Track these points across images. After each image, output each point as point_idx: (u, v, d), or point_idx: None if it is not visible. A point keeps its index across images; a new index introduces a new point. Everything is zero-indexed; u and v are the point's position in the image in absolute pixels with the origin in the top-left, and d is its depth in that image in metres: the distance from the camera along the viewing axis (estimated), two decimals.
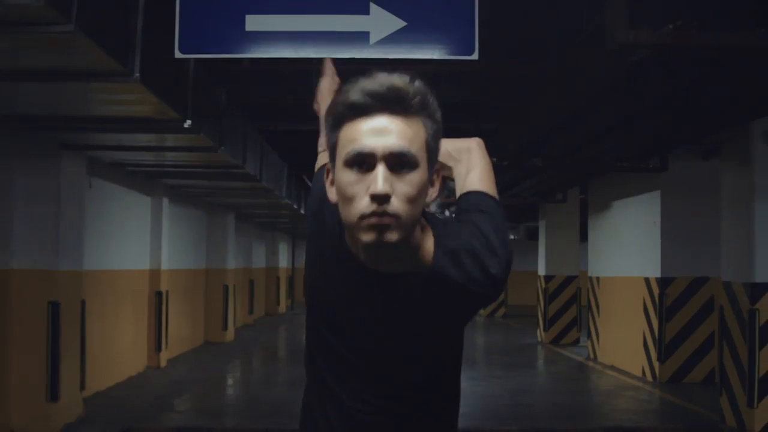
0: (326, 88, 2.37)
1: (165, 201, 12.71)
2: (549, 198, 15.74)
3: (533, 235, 22.54)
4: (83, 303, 8.59)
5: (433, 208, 9.01)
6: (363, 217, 1.60)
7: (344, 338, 1.80)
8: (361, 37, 3.72)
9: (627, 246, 12.65)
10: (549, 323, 17.15)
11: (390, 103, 1.63)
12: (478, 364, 13.79)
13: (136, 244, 11.88)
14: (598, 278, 14.15)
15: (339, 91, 1.70)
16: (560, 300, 17.17)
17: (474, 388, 10.41)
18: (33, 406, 7.69)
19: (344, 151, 1.63)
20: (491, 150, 2.02)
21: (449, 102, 9.55)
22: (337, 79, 2.39)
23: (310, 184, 2.42)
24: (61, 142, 7.79)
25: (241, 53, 3.86)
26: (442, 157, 1.83)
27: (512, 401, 9.99)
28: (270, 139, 11.94)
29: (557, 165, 9.75)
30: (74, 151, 8.05)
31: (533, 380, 12.49)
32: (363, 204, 1.60)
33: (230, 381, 12.43)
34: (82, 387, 8.61)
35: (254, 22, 3.72)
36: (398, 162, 1.61)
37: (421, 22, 3.71)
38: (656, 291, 11.23)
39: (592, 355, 14.22)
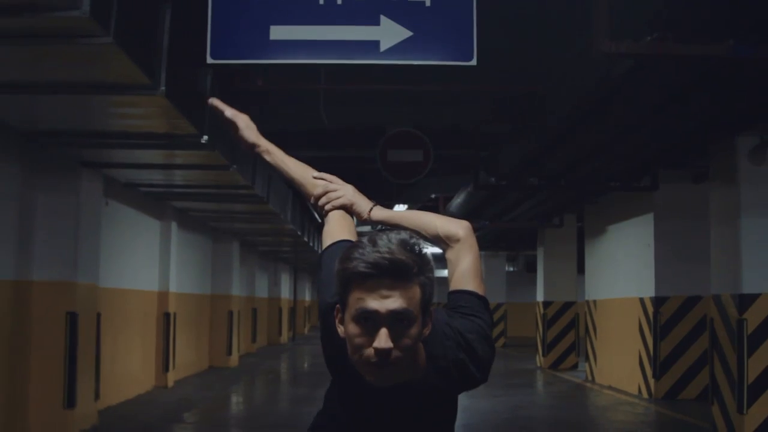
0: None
1: (174, 225, 13.09)
2: (546, 222, 16.12)
3: (532, 267, 22.88)
4: (98, 315, 8.95)
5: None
6: (367, 364, 1.94)
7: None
8: (373, 46, 4.18)
9: (622, 268, 13.02)
10: (548, 348, 17.45)
11: (392, 273, 1.92)
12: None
13: (146, 265, 12.24)
14: (594, 301, 14.49)
15: (347, 258, 1.96)
16: (558, 325, 17.48)
17: (475, 405, 10.71)
18: (50, 413, 8.01)
19: (353, 308, 1.94)
20: (491, 170, 2.39)
21: (448, 126, 10.00)
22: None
23: (313, 212, 2.64)
24: (80, 160, 8.20)
25: (266, 59, 4.31)
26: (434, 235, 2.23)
27: (512, 415, 10.30)
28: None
29: (552, 184, 10.16)
30: (93, 169, 8.47)
31: (532, 398, 12.77)
32: (368, 353, 1.93)
33: (235, 399, 12.71)
34: (97, 396, 8.94)
35: (278, 32, 4.17)
36: (398, 318, 1.92)
37: (425, 32, 4.16)
38: (650, 310, 11.58)
39: (590, 377, 14.52)
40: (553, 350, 17.44)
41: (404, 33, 4.14)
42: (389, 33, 4.14)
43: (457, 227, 2.23)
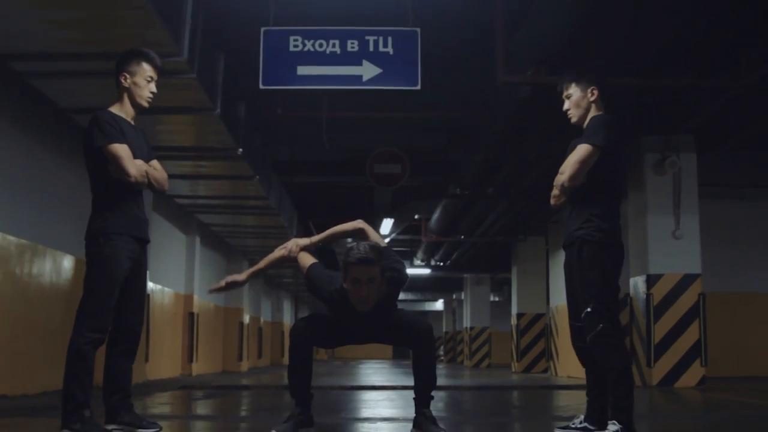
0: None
1: (197, 240, 15.58)
2: (514, 238, 18.61)
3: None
4: (148, 297, 11.39)
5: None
6: (357, 301, 4.56)
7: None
8: (358, 78, 6.93)
9: None
10: (521, 355, 19.86)
11: (366, 262, 4.52)
12: (451, 378, 16.46)
13: (175, 271, 14.69)
14: (556, 306, 16.95)
15: (347, 256, 4.54)
16: (530, 334, 19.89)
17: (440, 381, 13.05)
18: None
19: (350, 277, 4.53)
20: (456, 182, 4.91)
21: (419, 148, 12.57)
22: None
23: (314, 231, 5.19)
24: None
25: (295, 86, 6.97)
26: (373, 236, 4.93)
27: (474, 385, 12.67)
28: (287, 187, 14.92)
29: (505, 193, 12.73)
30: None
31: (494, 382, 15.16)
32: (356, 297, 4.55)
33: (247, 381, 15.06)
34: (146, 359, 11.35)
35: (303, 70, 6.88)
36: (369, 281, 4.53)
37: (389, 69, 6.86)
38: None
39: (553, 372, 16.93)
40: (525, 356, 19.83)
41: (377, 70, 6.87)
42: (368, 70, 6.89)
43: (355, 224, 5.02)
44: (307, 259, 4.92)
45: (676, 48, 7.49)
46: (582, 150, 4.47)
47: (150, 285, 11.84)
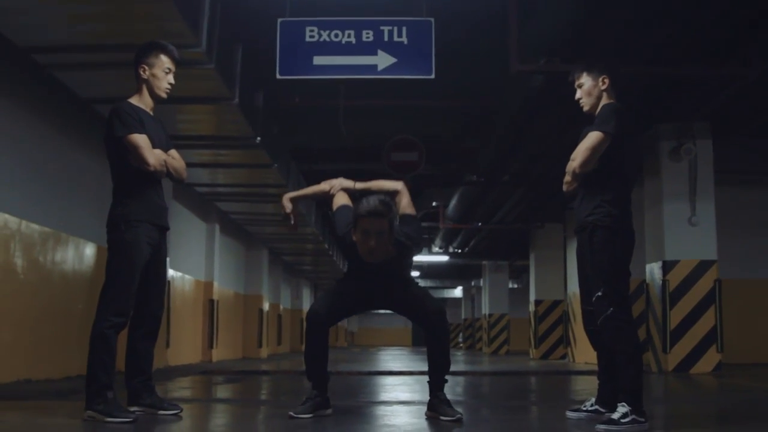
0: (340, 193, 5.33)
1: (217, 227, 15.75)
2: (532, 225, 18.67)
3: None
4: (168, 284, 11.57)
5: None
6: (366, 252, 4.69)
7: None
8: (373, 68, 7.02)
9: None
10: (539, 341, 19.93)
11: (375, 214, 4.68)
12: (469, 364, 16.57)
13: (195, 258, 14.86)
14: (574, 293, 16.99)
15: (357, 208, 4.74)
16: (548, 321, 19.94)
17: (458, 367, 13.16)
18: None
19: (360, 228, 4.71)
20: (473, 170, 5.03)
21: (435, 136, 12.65)
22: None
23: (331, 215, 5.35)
24: None
25: (312, 75, 7.09)
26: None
27: (491, 371, 12.77)
28: (305, 176, 15.03)
29: (521, 181, 12.80)
30: None
31: (510, 367, 15.24)
32: (365, 248, 4.70)
33: (267, 367, 15.25)
34: (168, 344, 11.53)
35: (319, 59, 6.98)
36: (378, 232, 4.66)
37: (404, 58, 6.94)
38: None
39: (571, 359, 17.00)
40: (543, 343, 19.90)
41: (391, 59, 6.95)
42: (383, 60, 6.99)
43: (395, 185, 5.14)
44: (340, 199, 5.15)
45: (687, 35, 7.52)
46: (593, 137, 4.56)
47: (170, 272, 12.01)
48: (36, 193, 7.73)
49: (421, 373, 10.95)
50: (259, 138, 9.46)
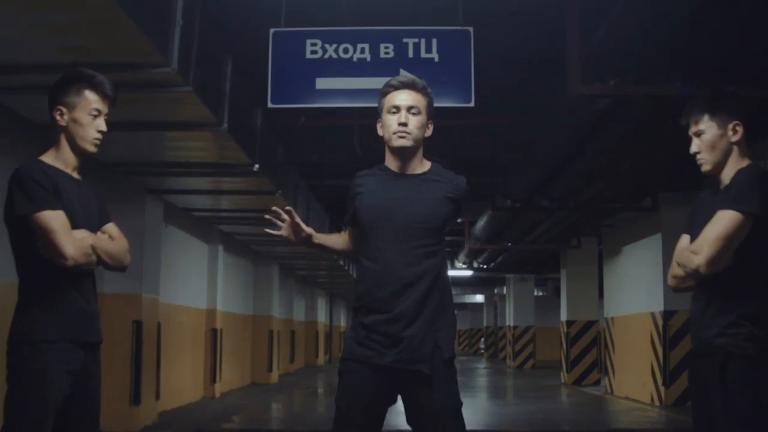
0: None
1: (220, 248, 14.29)
2: (565, 244, 17.12)
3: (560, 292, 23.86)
4: (159, 324, 10.12)
5: None
6: (395, 132, 3.32)
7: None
8: None
9: (635, 286, 13.98)
10: (571, 365, 18.38)
11: (410, 85, 3.41)
12: (503, 397, 15.06)
13: (196, 284, 13.43)
14: (612, 318, 15.44)
15: (384, 86, 3.46)
16: (581, 344, 18.41)
17: (497, 409, 11.71)
18: (120, 408, 9.14)
19: (387, 105, 3.40)
20: (506, 193, 3.50)
21: (466, 155, 11.13)
22: None
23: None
24: (146, 187, 9.41)
25: (313, 104, 5.50)
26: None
27: (531, 417, 11.28)
28: (316, 192, 13.56)
29: (561, 205, 11.23)
30: (155, 195, 9.67)
31: (552, 405, 13.72)
32: (395, 128, 3.33)
33: (276, 405, 13.81)
34: (157, 397, 10.09)
35: (322, 83, 5.39)
36: (411, 109, 3.34)
37: (435, 81, 5.30)
38: (660, 323, 12.52)
39: (609, 390, 15.43)
40: (576, 367, 18.34)
41: None
42: None
43: None
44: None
45: None
46: (726, 220, 3.06)
47: (163, 305, 10.59)
48: None
49: None
50: (257, 166, 7.98)
